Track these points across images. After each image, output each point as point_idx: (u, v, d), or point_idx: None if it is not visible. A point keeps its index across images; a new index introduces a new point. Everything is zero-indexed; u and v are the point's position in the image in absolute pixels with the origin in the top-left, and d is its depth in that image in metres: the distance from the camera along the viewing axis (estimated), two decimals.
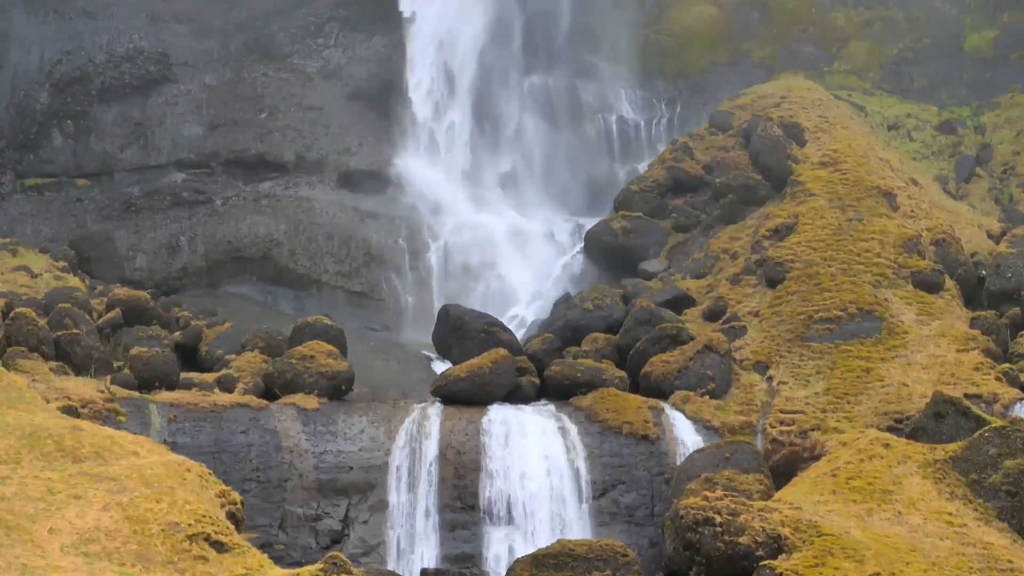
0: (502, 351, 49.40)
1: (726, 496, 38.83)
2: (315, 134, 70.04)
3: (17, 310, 47.38)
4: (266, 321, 55.75)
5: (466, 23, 75.73)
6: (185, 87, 70.23)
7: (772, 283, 54.71)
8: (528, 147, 73.56)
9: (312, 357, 48.17)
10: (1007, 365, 49.42)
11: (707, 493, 39.53)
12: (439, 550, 44.66)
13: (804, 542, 37.12)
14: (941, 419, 43.92)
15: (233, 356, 49.84)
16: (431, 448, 45.77)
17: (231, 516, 35.34)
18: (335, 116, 70.73)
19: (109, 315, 52.11)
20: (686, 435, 47.04)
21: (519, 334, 56.37)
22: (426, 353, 58.31)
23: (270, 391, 47.87)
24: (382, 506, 45.11)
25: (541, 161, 73.25)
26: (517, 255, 68.74)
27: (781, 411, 48.02)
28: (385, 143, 70.97)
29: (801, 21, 79.56)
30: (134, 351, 47.78)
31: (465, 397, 47.97)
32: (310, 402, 46.87)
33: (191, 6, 71.68)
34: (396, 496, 45.22)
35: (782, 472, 45.43)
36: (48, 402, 41.52)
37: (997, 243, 59.89)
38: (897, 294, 53.22)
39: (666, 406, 48.21)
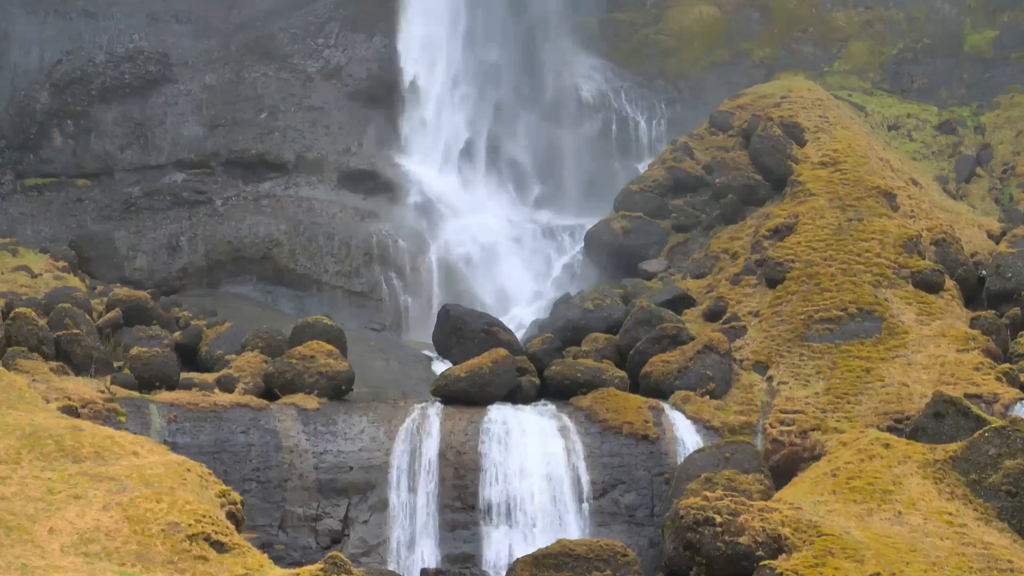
0: (502, 351, 49.36)
1: (726, 496, 38.79)
2: (315, 134, 70.09)
3: (17, 310, 47.35)
4: (266, 321, 55.74)
5: (467, 22, 75.71)
6: (185, 87, 70.29)
7: (772, 283, 54.66)
8: (528, 147, 73.46)
9: (312, 357, 48.14)
10: (1007, 365, 49.37)
11: (707, 493, 39.50)
12: (439, 550, 44.63)
13: (804, 542, 37.10)
14: (941, 419, 43.89)
15: (233, 356, 49.82)
16: (431, 448, 45.75)
17: (231, 516, 35.32)
18: (335, 116, 70.78)
19: (109, 315, 52.10)
20: (686, 435, 47.00)
21: (519, 334, 56.32)
22: (426, 353, 58.28)
23: (270, 391, 47.85)
24: (382, 506, 45.09)
25: (541, 161, 73.19)
26: (517, 255, 68.73)
27: (781, 411, 47.98)
28: (385, 143, 71.01)
29: (801, 21, 79.54)
30: (134, 351, 47.76)
31: (465, 397, 47.95)
32: (310, 402, 46.84)
33: (191, 6, 71.76)
34: (396, 496, 45.20)
35: (782, 472, 45.38)
36: (48, 402, 41.50)
37: (997, 243, 59.84)
38: (897, 294, 53.18)
39: (666, 406, 48.18)
